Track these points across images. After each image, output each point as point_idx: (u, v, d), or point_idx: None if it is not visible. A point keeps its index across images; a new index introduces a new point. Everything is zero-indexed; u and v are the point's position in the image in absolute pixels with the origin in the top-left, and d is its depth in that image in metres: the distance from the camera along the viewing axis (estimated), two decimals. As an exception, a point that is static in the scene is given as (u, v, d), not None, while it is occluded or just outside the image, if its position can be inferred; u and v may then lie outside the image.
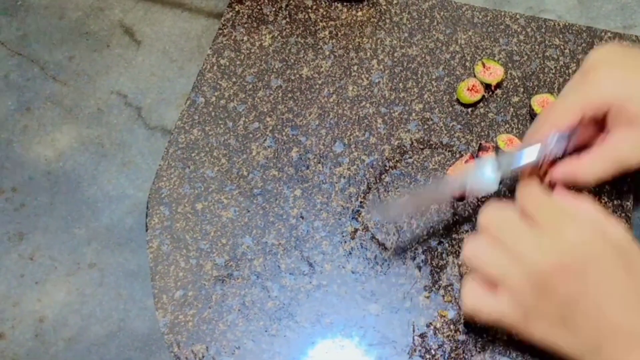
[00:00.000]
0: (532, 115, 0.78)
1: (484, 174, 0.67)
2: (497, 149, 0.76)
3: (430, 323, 0.69)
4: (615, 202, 0.74)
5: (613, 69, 0.66)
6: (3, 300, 0.75)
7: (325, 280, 0.72)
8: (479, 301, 0.62)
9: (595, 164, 0.66)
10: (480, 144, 0.76)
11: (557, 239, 0.58)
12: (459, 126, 0.79)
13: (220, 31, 0.86)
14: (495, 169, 0.66)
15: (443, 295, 0.70)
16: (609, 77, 0.66)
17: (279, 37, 0.85)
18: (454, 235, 0.73)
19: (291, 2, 0.87)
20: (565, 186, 0.67)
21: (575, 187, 0.67)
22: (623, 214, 0.73)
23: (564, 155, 0.66)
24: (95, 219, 0.79)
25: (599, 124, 0.67)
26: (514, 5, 0.88)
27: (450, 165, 0.76)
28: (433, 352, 0.68)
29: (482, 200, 0.74)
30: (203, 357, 0.69)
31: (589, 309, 0.57)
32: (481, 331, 0.68)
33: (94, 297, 0.75)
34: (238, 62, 0.84)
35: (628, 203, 0.74)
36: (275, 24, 0.86)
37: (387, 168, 0.77)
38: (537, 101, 0.78)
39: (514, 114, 0.79)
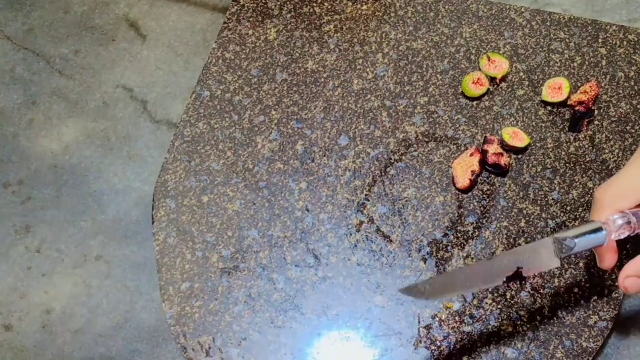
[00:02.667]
0: (545, 103, 0.78)
1: (543, 257, 0.62)
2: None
3: (436, 315, 0.69)
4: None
5: None
6: (10, 293, 0.76)
7: (331, 272, 0.72)
8: None
9: None
10: (485, 136, 0.76)
11: None
12: (464, 119, 0.79)
13: (226, 25, 0.86)
14: (556, 254, 0.61)
15: (448, 287, 0.70)
16: None
17: (284, 31, 0.85)
18: (458, 228, 0.73)
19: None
20: None
21: None
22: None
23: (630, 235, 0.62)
24: (101, 211, 0.79)
25: None
26: (518, -1, 0.88)
27: (455, 158, 0.76)
28: (438, 343, 0.68)
29: (486, 194, 0.74)
30: (209, 348, 0.69)
31: None
32: (486, 322, 0.68)
33: (101, 289, 0.75)
34: (243, 56, 0.84)
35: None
36: (280, 18, 0.86)
37: (392, 161, 0.77)
38: (549, 85, 0.78)
39: (519, 107, 0.79)
